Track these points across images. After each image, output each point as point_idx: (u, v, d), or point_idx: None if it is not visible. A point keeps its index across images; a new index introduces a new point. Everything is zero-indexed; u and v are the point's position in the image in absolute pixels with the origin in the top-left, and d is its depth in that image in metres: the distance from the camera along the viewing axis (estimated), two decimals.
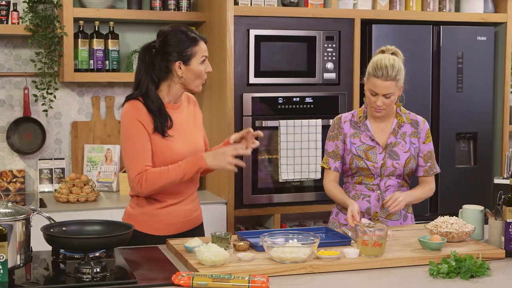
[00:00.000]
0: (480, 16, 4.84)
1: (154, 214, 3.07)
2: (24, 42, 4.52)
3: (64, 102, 4.64)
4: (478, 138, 4.85)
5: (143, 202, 3.08)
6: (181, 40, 3.00)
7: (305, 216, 4.79)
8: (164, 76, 3.02)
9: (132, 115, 2.97)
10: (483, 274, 2.54)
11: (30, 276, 2.52)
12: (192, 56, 3.00)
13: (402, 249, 2.81)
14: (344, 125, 3.37)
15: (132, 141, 2.97)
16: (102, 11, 4.42)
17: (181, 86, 3.05)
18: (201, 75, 3.04)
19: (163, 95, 3.05)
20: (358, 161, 3.30)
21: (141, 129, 2.96)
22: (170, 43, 3.00)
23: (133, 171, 2.96)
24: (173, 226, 3.09)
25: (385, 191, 3.30)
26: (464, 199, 3.82)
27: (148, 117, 2.97)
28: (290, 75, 4.45)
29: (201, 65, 3.03)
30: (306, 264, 2.56)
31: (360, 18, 4.56)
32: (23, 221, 2.47)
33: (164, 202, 3.06)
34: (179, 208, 3.11)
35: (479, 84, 4.82)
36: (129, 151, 2.98)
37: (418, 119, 3.39)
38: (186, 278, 2.37)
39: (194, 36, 3.02)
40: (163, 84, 3.04)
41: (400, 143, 3.31)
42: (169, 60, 3.00)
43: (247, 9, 4.34)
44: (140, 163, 2.95)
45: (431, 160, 3.37)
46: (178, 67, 3.00)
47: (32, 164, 4.60)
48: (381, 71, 3.19)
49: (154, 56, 3.02)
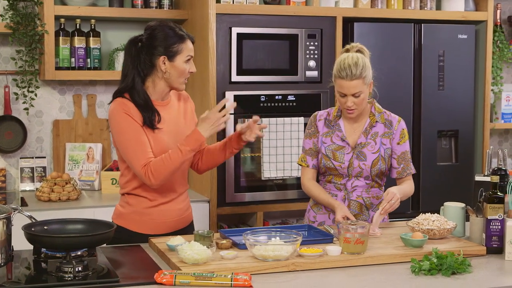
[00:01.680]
0: (461, 15, 4.87)
1: (145, 213, 3.06)
2: (5, 40, 4.49)
3: (45, 101, 4.61)
4: (459, 136, 4.88)
5: (134, 200, 3.07)
6: (168, 35, 2.99)
7: (287, 214, 4.80)
8: (149, 71, 3.02)
9: (120, 111, 2.96)
10: (464, 271, 2.55)
11: (12, 276, 2.51)
12: (178, 53, 3.00)
13: (384, 246, 2.83)
14: (318, 123, 3.35)
15: (128, 137, 2.95)
16: (83, 9, 4.40)
17: (165, 83, 3.05)
18: (184, 73, 3.03)
19: (150, 91, 3.04)
20: (326, 161, 3.29)
21: (133, 123, 2.95)
22: (157, 37, 3.00)
23: (138, 166, 2.94)
24: (164, 225, 3.08)
25: (351, 191, 3.28)
26: (445, 197, 3.84)
27: (136, 112, 2.97)
28: (272, 73, 4.45)
29: (185, 63, 3.02)
30: (288, 262, 2.57)
31: (342, 16, 4.57)
32: (4, 220, 2.45)
33: (155, 201, 3.06)
34: (170, 207, 3.10)
35: (460, 82, 4.84)
36: (127, 147, 2.96)
37: (392, 119, 3.32)
38: (168, 277, 2.37)
39: (181, 34, 3.02)
40: (148, 79, 3.04)
41: (370, 143, 3.27)
42: (154, 54, 2.99)
43: (229, 7, 4.34)
44: (142, 156, 2.93)
45: (404, 161, 3.31)
46: (162, 62, 2.99)
47: (13, 163, 4.57)
48: (345, 71, 3.14)
49: (140, 50, 3.01)
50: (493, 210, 2.82)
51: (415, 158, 4.74)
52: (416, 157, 4.76)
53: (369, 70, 3.19)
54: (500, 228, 2.82)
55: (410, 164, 3.34)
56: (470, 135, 4.92)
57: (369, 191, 3.29)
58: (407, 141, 3.33)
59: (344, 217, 3.10)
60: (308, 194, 3.38)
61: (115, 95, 3.04)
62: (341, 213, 3.12)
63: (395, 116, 3.34)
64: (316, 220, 3.34)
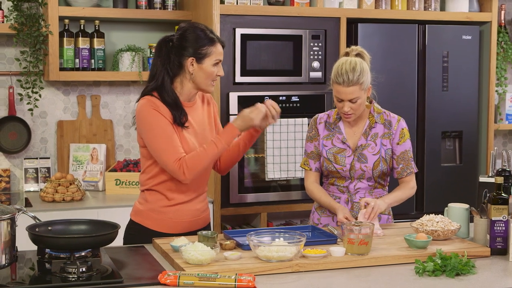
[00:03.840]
0: (465, 15, 4.86)
1: (162, 211, 3.06)
2: (9, 40, 4.49)
3: (50, 101, 4.62)
4: (463, 137, 4.88)
5: (152, 198, 3.08)
6: (199, 37, 3.00)
7: (291, 214, 4.80)
8: (177, 71, 3.02)
9: (150, 107, 2.97)
10: (468, 272, 2.55)
11: (16, 276, 2.51)
12: (207, 56, 3.00)
13: (388, 247, 2.82)
14: (319, 126, 3.33)
15: (159, 132, 2.95)
16: (87, 10, 4.41)
17: (192, 85, 3.05)
18: (211, 76, 3.03)
19: (177, 91, 3.05)
20: (328, 164, 3.27)
21: (164, 119, 2.96)
22: (187, 38, 3.00)
23: (171, 161, 2.93)
24: (181, 225, 3.08)
25: (354, 193, 3.27)
26: (449, 198, 3.84)
27: (166, 109, 2.97)
28: (276, 74, 4.45)
29: (214, 66, 3.02)
30: (292, 262, 2.56)
31: (346, 17, 4.57)
32: (8, 221, 2.45)
33: (173, 200, 3.06)
34: (188, 207, 3.10)
35: (464, 83, 4.84)
36: (159, 142, 2.95)
37: (392, 119, 3.29)
38: (172, 277, 2.37)
39: (212, 37, 3.02)
40: (176, 80, 3.04)
41: (370, 145, 3.25)
42: (183, 55, 3.00)
43: (233, 8, 4.34)
44: (174, 151, 2.94)
45: (404, 161, 3.28)
46: (190, 64, 2.99)
47: (18, 164, 4.58)
48: (341, 77, 3.11)
49: (170, 50, 3.02)
50: (497, 211, 2.82)
51: (419, 159, 4.74)
52: (420, 158, 4.75)
53: (367, 76, 3.16)
54: (504, 229, 2.81)
55: (410, 163, 3.30)
56: (474, 136, 4.92)
57: (372, 192, 3.29)
58: (408, 140, 3.30)
59: (346, 217, 3.10)
60: (311, 197, 3.38)
61: (143, 93, 3.05)
62: (342, 214, 3.11)
63: (395, 116, 3.32)
64: (321, 223, 3.34)
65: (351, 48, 3.27)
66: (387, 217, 3.34)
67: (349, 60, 3.15)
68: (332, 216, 3.30)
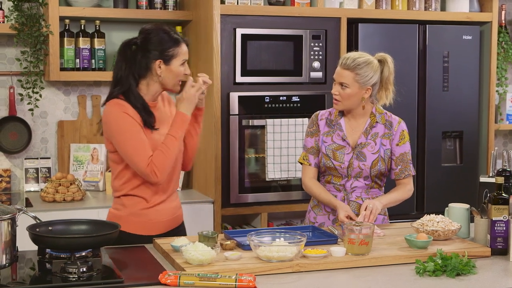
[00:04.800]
0: (466, 16, 4.86)
1: (142, 214, 3.06)
2: (10, 40, 4.49)
3: (50, 101, 4.62)
4: (464, 137, 4.88)
5: (130, 202, 3.07)
6: (163, 39, 3.00)
7: (292, 215, 4.79)
8: (144, 73, 3.02)
9: (119, 111, 2.96)
10: (469, 272, 2.55)
11: (16, 276, 2.51)
12: (173, 57, 3.01)
13: (388, 247, 2.82)
14: (320, 122, 3.35)
15: (129, 136, 2.95)
16: (88, 10, 4.41)
17: (159, 85, 3.05)
18: (180, 76, 3.05)
19: (143, 93, 3.04)
20: (326, 160, 3.28)
21: (133, 122, 2.96)
22: (152, 41, 3.00)
23: (143, 165, 2.94)
24: (160, 225, 3.09)
25: (351, 192, 3.27)
26: (450, 198, 3.83)
27: (134, 112, 2.97)
28: (276, 74, 4.45)
29: (181, 66, 3.04)
30: (293, 263, 2.56)
31: (346, 17, 4.57)
32: (8, 221, 2.45)
33: (151, 201, 3.06)
34: (165, 206, 3.11)
35: (465, 83, 4.84)
36: (130, 146, 2.95)
37: (393, 120, 3.31)
38: (173, 277, 2.37)
39: (176, 38, 3.03)
40: (142, 82, 3.04)
41: (370, 143, 3.26)
42: (149, 58, 3.00)
43: (233, 8, 4.34)
44: (145, 155, 2.94)
45: (403, 163, 3.29)
46: (158, 66, 3.00)
47: (18, 164, 4.58)
48: (343, 59, 3.20)
49: (134, 53, 3.02)
50: (497, 211, 2.82)
51: (419, 159, 4.74)
52: (421, 158, 4.75)
53: (369, 72, 3.19)
54: (505, 230, 2.81)
55: (409, 165, 3.31)
56: (474, 136, 4.92)
57: (369, 192, 3.29)
58: (407, 143, 3.32)
59: (347, 216, 3.10)
60: (309, 193, 3.37)
61: (108, 97, 3.04)
62: (343, 212, 3.11)
63: (396, 118, 3.34)
64: (317, 221, 3.33)
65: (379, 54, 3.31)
66: (382, 218, 3.35)
67: (361, 53, 3.24)
68: (328, 214, 3.30)
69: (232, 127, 4.32)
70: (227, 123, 4.31)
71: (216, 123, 4.27)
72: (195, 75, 4.46)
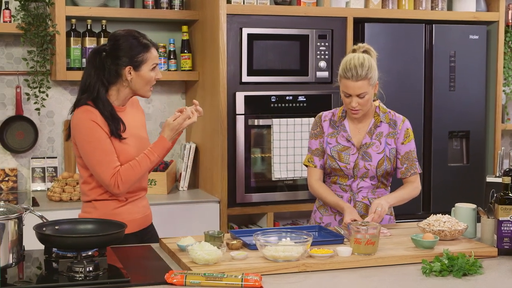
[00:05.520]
0: (473, 15, 4.85)
1: (115, 213, 3.02)
2: (16, 40, 4.50)
3: (57, 101, 4.63)
4: (470, 137, 4.87)
5: (101, 205, 3.04)
6: (132, 45, 2.99)
7: (298, 214, 4.79)
8: (114, 80, 3.01)
9: (87, 119, 2.94)
10: (475, 272, 2.54)
11: (23, 275, 2.52)
12: (143, 63, 2.99)
13: (395, 247, 2.82)
14: (324, 123, 3.33)
15: (96, 145, 2.94)
16: (94, 10, 4.41)
17: (130, 91, 3.05)
18: (150, 81, 3.04)
19: (112, 99, 3.04)
20: (331, 162, 3.27)
21: (101, 131, 2.95)
22: (121, 47, 2.99)
23: (106, 176, 2.94)
24: (133, 223, 3.06)
25: (357, 192, 3.26)
26: (456, 198, 3.83)
27: (102, 120, 2.96)
28: (283, 73, 4.45)
29: (151, 71, 3.02)
30: (299, 262, 2.56)
31: (352, 16, 4.56)
32: (15, 220, 2.46)
33: (123, 201, 3.06)
34: (136, 204, 3.11)
35: (472, 82, 4.83)
36: (96, 156, 2.94)
37: (397, 119, 3.30)
38: (179, 277, 2.37)
39: (145, 43, 3.01)
40: (112, 88, 3.03)
41: (375, 143, 3.25)
42: (119, 65, 2.99)
43: (239, 7, 4.34)
44: (110, 165, 2.94)
45: (408, 161, 3.28)
46: (128, 72, 2.99)
47: (25, 163, 4.59)
48: (350, 72, 3.12)
49: (104, 60, 3.00)
50: (504, 211, 2.81)
51: (426, 159, 4.73)
52: (427, 158, 4.74)
53: (375, 71, 3.17)
54: (511, 230, 2.80)
55: (415, 163, 3.31)
56: (481, 136, 4.91)
57: (375, 191, 3.28)
58: (412, 141, 3.31)
59: (353, 220, 3.09)
60: (315, 195, 3.37)
61: (77, 104, 3.01)
62: (350, 215, 3.10)
63: (400, 116, 3.32)
64: (323, 222, 3.33)
65: (358, 45, 3.28)
66: (389, 217, 3.34)
67: (357, 56, 3.17)
68: (334, 214, 3.30)
69: (238, 127, 4.32)
70: (233, 122, 4.31)
71: (222, 122, 4.27)
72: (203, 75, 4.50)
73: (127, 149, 3.01)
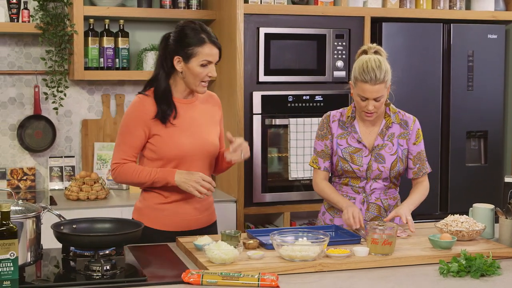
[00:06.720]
0: (491, 14, 4.82)
1: (159, 208, 3.08)
2: (35, 40, 4.53)
3: (74, 100, 4.65)
4: (488, 137, 4.84)
5: (149, 195, 3.11)
6: (187, 36, 3.00)
7: (314, 214, 4.78)
8: (170, 68, 3.05)
9: (136, 109, 3.04)
10: (493, 273, 2.53)
11: (41, 274, 2.53)
12: (193, 56, 2.99)
13: (412, 247, 2.81)
14: (332, 124, 3.28)
15: (124, 132, 3.05)
16: (112, 9, 4.43)
17: (185, 84, 3.06)
18: (199, 76, 3.02)
19: (172, 88, 3.08)
20: (344, 164, 3.23)
21: (138, 127, 3.02)
22: (179, 36, 3.02)
23: (114, 159, 3.08)
24: (180, 223, 3.09)
25: (370, 194, 3.24)
26: (474, 198, 3.81)
27: (151, 108, 3.01)
28: (300, 73, 4.45)
29: (201, 67, 3.00)
30: (315, 262, 2.56)
31: (370, 16, 4.55)
32: (33, 219, 2.48)
33: (169, 198, 3.08)
34: (185, 205, 3.11)
35: (490, 82, 4.80)
36: (119, 139, 3.08)
37: (407, 119, 3.26)
38: (196, 276, 2.38)
39: (202, 37, 2.99)
40: (172, 77, 3.08)
41: (387, 145, 3.22)
42: (172, 53, 3.03)
43: (257, 7, 4.34)
44: (121, 154, 3.05)
45: (420, 161, 3.26)
46: (178, 62, 3.02)
47: (43, 162, 4.61)
48: (368, 75, 3.05)
49: (166, 46, 3.06)
50: None
51: (443, 159, 4.71)
52: (445, 158, 4.72)
53: (390, 74, 3.12)
54: None
55: (425, 163, 3.30)
56: (499, 136, 4.87)
57: (387, 192, 3.26)
58: (422, 141, 3.29)
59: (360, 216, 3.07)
60: (320, 194, 3.32)
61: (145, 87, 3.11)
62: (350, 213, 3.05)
63: (410, 116, 3.29)
64: (334, 224, 3.29)
65: (369, 45, 3.23)
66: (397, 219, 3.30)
67: (373, 58, 3.11)
68: None
69: (255, 127, 4.32)
70: (250, 122, 4.31)
71: (239, 122, 4.27)
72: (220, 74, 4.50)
73: (176, 137, 3.03)
